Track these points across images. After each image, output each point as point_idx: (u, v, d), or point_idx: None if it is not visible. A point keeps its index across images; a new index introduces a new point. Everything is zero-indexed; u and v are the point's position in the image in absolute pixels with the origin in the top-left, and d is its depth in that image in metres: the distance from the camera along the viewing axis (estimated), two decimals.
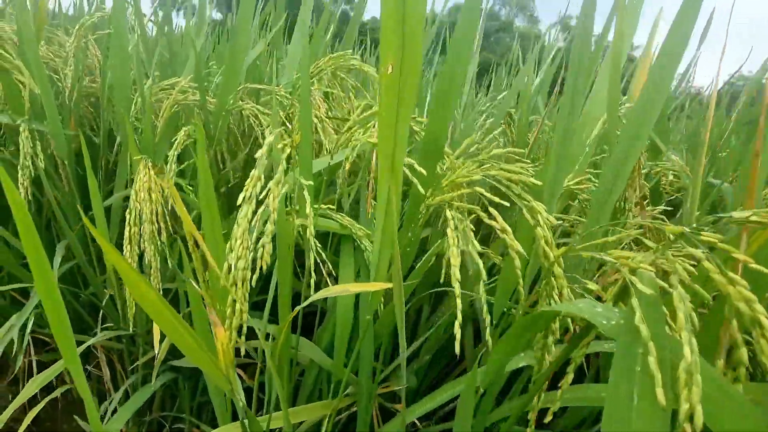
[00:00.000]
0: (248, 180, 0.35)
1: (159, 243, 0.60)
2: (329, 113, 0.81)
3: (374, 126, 0.51)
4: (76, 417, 0.96)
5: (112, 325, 0.93)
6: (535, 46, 1.07)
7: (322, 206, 0.62)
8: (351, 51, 0.84)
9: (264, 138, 0.79)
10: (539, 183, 0.32)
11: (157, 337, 0.62)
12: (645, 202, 0.53)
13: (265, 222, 0.36)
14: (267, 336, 0.62)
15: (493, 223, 0.31)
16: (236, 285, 0.34)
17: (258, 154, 0.37)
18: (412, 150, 0.64)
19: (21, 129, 0.77)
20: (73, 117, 0.95)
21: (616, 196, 0.40)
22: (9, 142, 0.96)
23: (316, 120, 0.76)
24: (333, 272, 0.57)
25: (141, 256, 0.62)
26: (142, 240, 0.58)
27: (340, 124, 0.79)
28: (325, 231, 0.64)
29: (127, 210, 0.57)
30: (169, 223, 0.63)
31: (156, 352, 0.60)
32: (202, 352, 0.32)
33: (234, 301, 0.34)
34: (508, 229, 0.31)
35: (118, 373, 0.97)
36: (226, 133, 0.83)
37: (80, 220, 0.99)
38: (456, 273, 0.30)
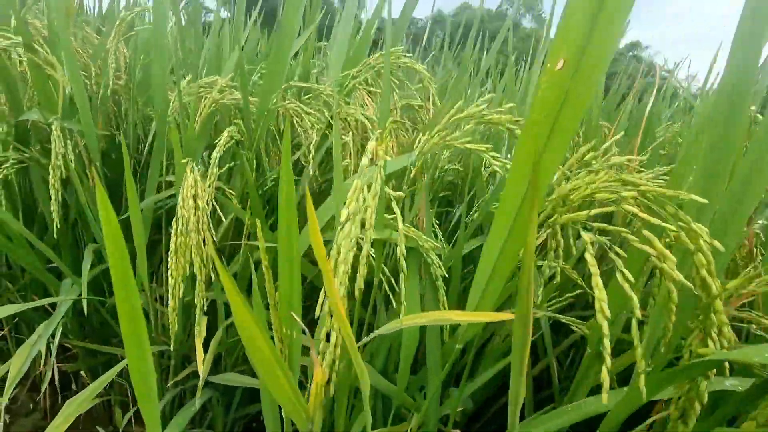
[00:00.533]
0: (350, 192, 0.30)
1: (204, 254, 0.56)
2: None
3: (453, 128, 0.46)
4: (99, 429, 0.93)
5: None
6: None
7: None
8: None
9: (306, 139, 0.74)
10: (704, 201, 0.27)
11: (200, 357, 0.57)
12: None
13: (355, 239, 0.31)
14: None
15: (648, 248, 0.26)
16: (333, 315, 0.29)
17: (363, 162, 0.32)
18: None
19: (53, 127, 0.73)
20: (101, 116, 0.90)
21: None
22: (34, 140, 0.92)
23: (366, 121, 0.71)
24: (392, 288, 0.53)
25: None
26: (188, 251, 0.53)
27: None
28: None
29: (174, 219, 0.53)
30: (212, 232, 0.58)
31: (200, 371, 0.56)
32: (293, 395, 0.27)
33: (329, 333, 0.29)
34: (671, 257, 0.26)
35: None
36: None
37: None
38: (605, 309, 0.25)
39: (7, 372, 0.68)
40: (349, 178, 0.53)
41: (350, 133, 0.73)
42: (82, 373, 1.01)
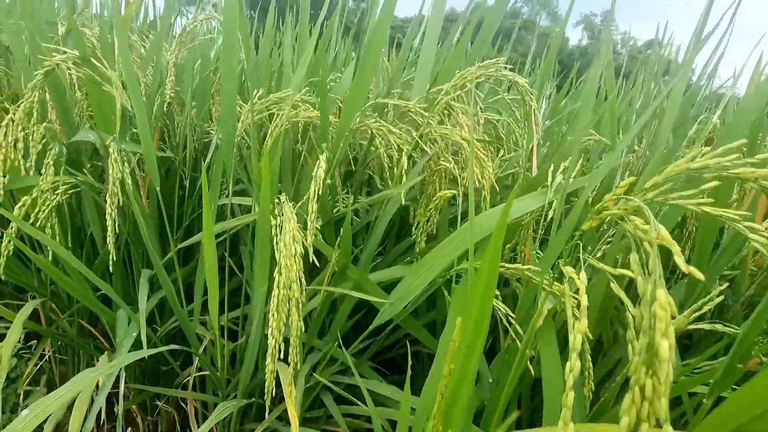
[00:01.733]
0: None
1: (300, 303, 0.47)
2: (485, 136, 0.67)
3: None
4: None
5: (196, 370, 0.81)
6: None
7: None
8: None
9: (394, 162, 0.65)
10: None
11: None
12: None
13: None
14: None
15: None
16: None
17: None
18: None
19: (111, 150, 0.66)
20: (155, 132, 0.83)
21: None
22: (84, 159, 0.85)
23: (464, 143, 0.62)
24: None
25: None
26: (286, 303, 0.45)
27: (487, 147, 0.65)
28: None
29: (276, 270, 0.44)
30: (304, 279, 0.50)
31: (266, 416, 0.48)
32: None
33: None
34: None
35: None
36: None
37: (163, 248, 0.88)
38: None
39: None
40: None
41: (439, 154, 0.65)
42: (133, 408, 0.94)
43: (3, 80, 1.17)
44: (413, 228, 0.68)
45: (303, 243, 0.52)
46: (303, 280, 0.46)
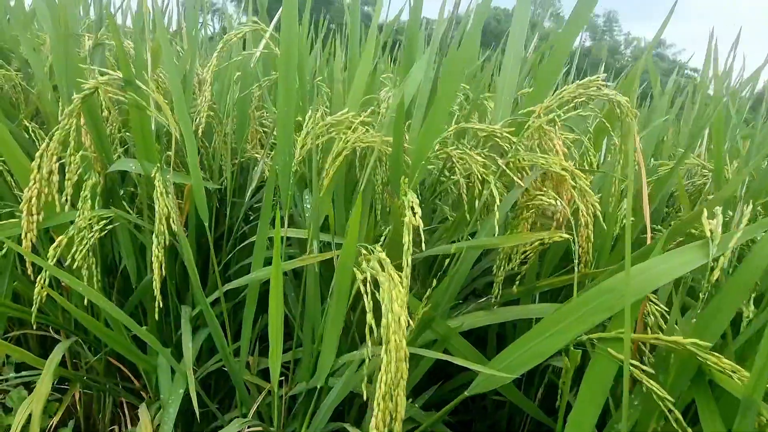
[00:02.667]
0: None
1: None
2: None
3: None
4: None
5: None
6: None
7: None
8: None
9: (480, 195, 0.58)
10: None
11: None
12: None
13: None
14: None
15: None
16: None
17: None
18: None
19: (156, 183, 0.58)
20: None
21: None
22: (117, 187, 0.77)
23: (566, 174, 0.54)
24: None
25: None
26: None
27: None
28: None
29: (384, 342, 0.36)
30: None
31: None
32: None
33: None
34: None
35: None
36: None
37: (206, 287, 0.80)
38: None
39: None
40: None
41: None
42: None
43: (20, 96, 1.11)
44: (497, 269, 0.60)
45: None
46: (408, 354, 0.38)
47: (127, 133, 0.80)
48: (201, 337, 0.74)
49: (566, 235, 0.50)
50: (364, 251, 0.44)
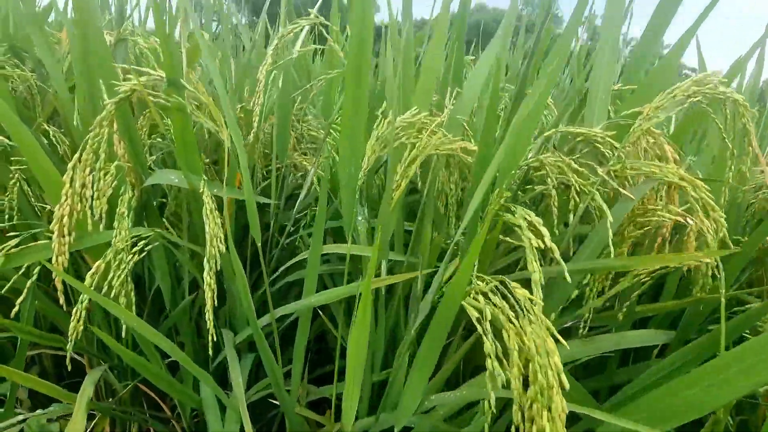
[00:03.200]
0: None
1: None
2: None
3: None
4: None
5: None
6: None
7: None
8: None
9: (575, 208, 0.50)
10: None
11: None
12: None
13: None
14: None
15: None
16: None
17: None
18: None
19: (205, 199, 0.51)
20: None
21: None
22: (153, 200, 0.69)
23: (686, 185, 0.47)
24: None
25: None
26: None
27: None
28: None
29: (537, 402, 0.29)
30: None
31: None
32: None
33: None
34: None
35: None
36: None
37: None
38: None
39: None
40: None
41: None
42: None
43: (36, 97, 1.03)
44: (590, 291, 0.53)
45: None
46: None
47: (158, 139, 0.72)
48: (246, 365, 0.67)
49: (707, 259, 0.43)
50: (478, 282, 0.37)
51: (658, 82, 0.50)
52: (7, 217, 0.77)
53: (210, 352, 0.54)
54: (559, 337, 0.32)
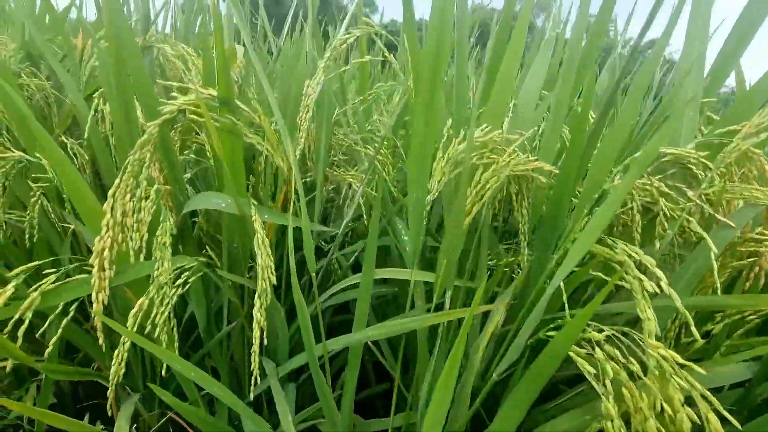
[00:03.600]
0: None
1: None
2: None
3: None
4: None
5: None
6: None
7: None
8: None
9: (661, 236, 0.46)
10: None
11: None
12: None
13: None
14: None
15: None
16: None
17: None
18: None
19: (257, 227, 0.46)
20: (282, 193, 0.63)
21: None
22: (188, 223, 0.65)
23: None
24: None
25: None
26: None
27: None
28: None
29: None
30: None
31: None
32: None
33: None
34: None
35: None
36: None
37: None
38: None
39: None
40: None
41: None
42: None
43: (53, 106, 0.99)
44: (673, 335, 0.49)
45: None
46: None
47: (191, 155, 0.68)
48: (291, 396, 0.62)
49: None
50: (592, 332, 0.32)
51: (757, 98, 0.46)
52: (27, 236, 0.73)
53: (252, 387, 0.50)
54: (725, 413, 0.28)
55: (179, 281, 0.50)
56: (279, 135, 0.46)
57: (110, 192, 0.45)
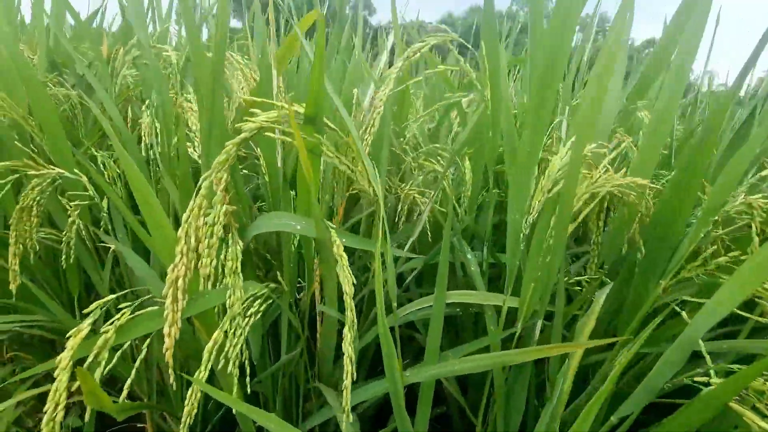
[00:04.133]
0: None
1: None
2: None
3: None
4: None
5: None
6: None
7: None
8: None
9: None
10: None
11: None
12: None
13: None
14: None
15: None
16: None
17: None
18: None
19: (336, 249, 0.42)
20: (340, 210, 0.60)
21: None
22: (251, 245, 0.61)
23: None
24: None
25: None
26: None
27: None
28: None
29: None
30: None
31: None
32: None
33: None
34: None
35: None
36: None
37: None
38: None
39: None
40: None
41: None
42: None
43: (79, 115, 0.95)
44: None
45: None
46: None
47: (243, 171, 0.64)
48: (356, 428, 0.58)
49: None
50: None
51: None
52: (64, 257, 0.69)
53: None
54: None
55: (251, 310, 0.46)
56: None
57: (184, 217, 0.41)
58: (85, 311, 0.39)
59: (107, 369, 0.40)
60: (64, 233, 0.67)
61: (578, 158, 0.38)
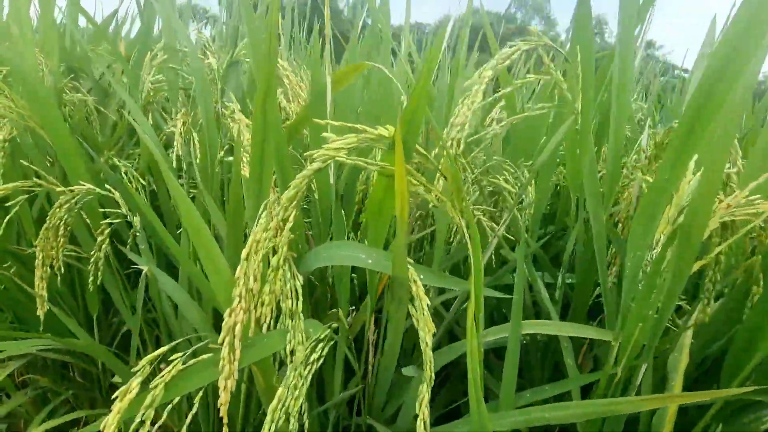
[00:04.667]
0: None
1: None
2: None
3: None
4: None
5: None
6: None
7: None
8: None
9: None
10: None
11: None
12: None
13: None
14: None
15: None
16: None
17: None
18: None
19: (415, 288, 0.37)
20: None
21: None
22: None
23: None
24: None
25: None
26: None
27: None
28: None
29: None
30: None
31: None
32: None
33: None
34: None
35: None
36: None
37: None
38: None
39: None
40: None
41: None
42: None
43: (95, 122, 0.90)
44: None
45: None
46: None
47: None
48: None
49: None
50: None
51: None
52: (91, 278, 0.63)
53: None
54: None
55: (314, 356, 0.41)
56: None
57: (243, 255, 0.36)
58: (133, 369, 0.33)
59: (156, 427, 0.35)
60: (92, 252, 0.62)
61: (714, 182, 0.32)
